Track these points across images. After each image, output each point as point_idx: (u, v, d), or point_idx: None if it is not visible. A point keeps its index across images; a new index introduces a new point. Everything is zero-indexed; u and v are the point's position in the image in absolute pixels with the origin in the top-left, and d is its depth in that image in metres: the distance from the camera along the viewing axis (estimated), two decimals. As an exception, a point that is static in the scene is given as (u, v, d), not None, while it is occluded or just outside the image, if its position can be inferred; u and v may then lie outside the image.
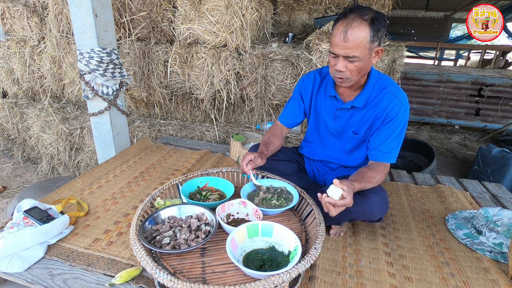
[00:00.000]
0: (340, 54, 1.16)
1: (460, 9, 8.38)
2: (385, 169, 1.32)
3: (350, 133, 1.41)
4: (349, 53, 1.14)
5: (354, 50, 1.14)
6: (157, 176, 1.91)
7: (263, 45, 2.60)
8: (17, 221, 1.26)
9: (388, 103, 1.29)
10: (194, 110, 2.95)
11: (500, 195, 1.91)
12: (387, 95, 1.30)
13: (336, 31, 1.16)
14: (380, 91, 1.32)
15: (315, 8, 3.28)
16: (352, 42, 1.13)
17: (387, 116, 1.30)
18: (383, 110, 1.30)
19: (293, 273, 0.86)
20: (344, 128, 1.42)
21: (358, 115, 1.37)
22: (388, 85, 1.32)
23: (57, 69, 2.83)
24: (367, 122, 1.36)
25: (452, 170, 3.63)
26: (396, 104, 1.28)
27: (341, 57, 1.17)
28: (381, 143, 1.32)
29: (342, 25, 1.14)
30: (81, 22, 1.84)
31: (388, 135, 1.31)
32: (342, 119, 1.41)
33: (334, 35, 1.17)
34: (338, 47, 1.16)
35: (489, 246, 1.38)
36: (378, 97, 1.31)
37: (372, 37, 1.14)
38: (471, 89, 4.59)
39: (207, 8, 2.35)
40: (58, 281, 1.10)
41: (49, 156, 3.01)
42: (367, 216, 1.29)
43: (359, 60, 1.17)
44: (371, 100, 1.33)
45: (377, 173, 1.27)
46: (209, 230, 1.08)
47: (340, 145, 1.48)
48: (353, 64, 1.18)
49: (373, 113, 1.33)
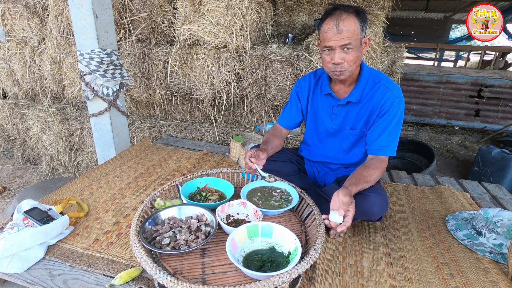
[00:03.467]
0: (336, 46, 1.20)
1: (460, 10, 8.39)
2: (382, 164, 1.32)
3: (347, 130, 1.43)
4: (345, 41, 1.19)
5: (349, 38, 1.19)
6: (157, 176, 1.91)
7: (263, 46, 2.60)
8: (17, 221, 1.26)
9: (382, 96, 1.31)
10: (194, 111, 2.95)
11: (500, 196, 1.91)
12: (381, 89, 1.32)
13: (326, 27, 1.21)
14: (373, 85, 1.34)
15: (315, 9, 3.28)
16: (346, 31, 1.18)
17: (381, 109, 1.32)
18: (377, 103, 1.33)
19: (293, 273, 0.86)
20: (341, 125, 1.44)
21: (354, 110, 1.39)
22: (381, 79, 1.35)
23: (58, 70, 2.83)
24: (363, 116, 1.38)
25: (452, 171, 3.63)
26: (390, 97, 1.31)
27: (337, 49, 1.21)
28: (377, 137, 1.34)
29: (331, 20, 1.20)
30: (81, 23, 1.85)
31: (384, 128, 1.32)
32: (339, 117, 1.43)
33: (326, 31, 1.21)
34: (332, 40, 1.20)
35: (489, 247, 1.38)
36: (372, 91, 1.34)
37: (360, 26, 1.20)
38: (471, 90, 4.59)
39: (207, 9, 2.35)
40: (58, 282, 1.11)
41: (49, 156, 3.01)
42: (367, 216, 1.29)
43: (353, 49, 1.21)
44: (365, 95, 1.35)
45: (373, 170, 1.28)
46: (209, 230, 1.08)
47: (338, 143, 1.50)
48: (349, 54, 1.22)
49: (368, 107, 1.35)
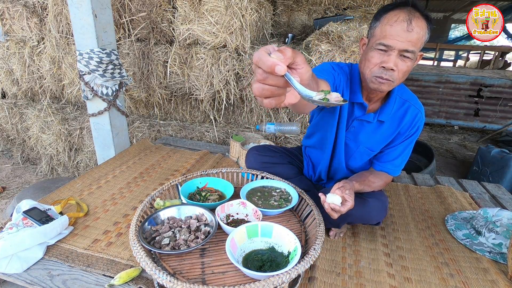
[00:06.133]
0: (397, 48, 0.95)
1: (459, 10, 8.39)
2: (388, 179, 1.30)
3: (363, 149, 1.26)
4: (409, 46, 0.94)
5: (415, 44, 0.95)
6: (156, 176, 1.91)
7: (263, 45, 2.59)
8: (16, 221, 1.25)
9: (412, 118, 1.19)
10: (193, 110, 2.95)
11: (499, 196, 1.91)
12: (411, 109, 1.18)
13: (393, 19, 0.94)
14: (402, 104, 1.19)
15: (315, 9, 3.28)
16: (416, 33, 0.93)
17: (410, 132, 1.22)
18: (407, 125, 1.20)
19: (292, 273, 0.86)
20: (355, 141, 1.26)
21: (378, 129, 1.22)
22: (409, 98, 1.20)
23: (57, 70, 2.83)
24: (387, 137, 1.23)
25: (451, 171, 3.63)
26: (419, 119, 1.20)
27: (395, 51, 0.96)
28: (396, 157, 1.26)
29: (403, 13, 0.94)
30: (80, 23, 1.84)
31: (405, 148, 1.26)
32: (357, 132, 1.24)
33: (391, 23, 0.94)
34: (397, 38, 0.94)
35: (489, 246, 1.38)
36: (400, 110, 1.19)
37: (428, 35, 0.98)
38: (470, 90, 4.60)
39: (206, 8, 2.35)
40: (58, 282, 1.10)
41: (48, 156, 3.01)
42: (365, 220, 1.29)
43: (411, 60, 0.98)
44: (394, 114, 1.20)
45: (379, 179, 1.26)
46: (208, 230, 1.08)
47: (346, 159, 1.33)
48: (405, 64, 0.98)
49: (396, 128, 1.21)
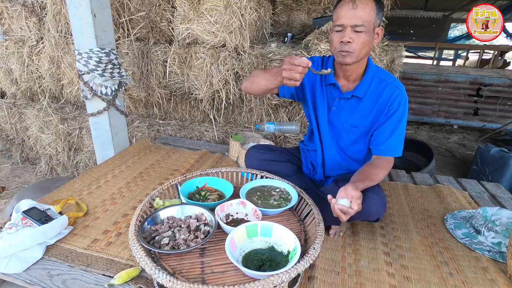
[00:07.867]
0: (348, 24, 1.14)
1: (459, 9, 8.40)
2: (389, 164, 1.30)
3: (347, 127, 1.36)
4: (357, 21, 1.13)
5: (362, 18, 1.13)
6: (156, 176, 1.90)
7: (262, 45, 2.59)
8: (16, 221, 1.25)
9: (390, 95, 1.26)
10: (193, 110, 2.95)
11: (498, 195, 1.91)
12: (388, 86, 1.27)
13: (341, 3, 1.16)
14: (379, 83, 1.29)
15: (314, 8, 3.27)
16: (361, 9, 1.12)
17: (390, 108, 1.27)
18: (385, 102, 1.27)
19: (292, 273, 0.86)
20: (339, 121, 1.37)
21: (357, 106, 1.32)
22: (387, 77, 1.30)
23: (56, 69, 2.82)
24: (368, 115, 1.31)
25: (450, 170, 3.64)
26: (398, 95, 1.26)
27: (348, 28, 1.15)
28: (387, 138, 1.29)
29: None
30: (79, 22, 1.84)
31: (394, 129, 1.29)
32: (338, 111, 1.36)
33: (341, 6, 1.16)
34: (345, 17, 1.14)
35: (488, 245, 1.39)
36: (379, 88, 1.28)
37: (376, 11, 1.15)
38: (469, 89, 4.60)
39: (206, 8, 2.35)
40: (57, 282, 1.10)
41: (47, 156, 3.00)
42: (365, 216, 1.29)
43: (365, 32, 1.15)
44: (371, 91, 1.29)
45: (380, 169, 1.27)
46: (208, 230, 1.08)
47: (335, 139, 1.42)
48: (360, 36, 1.15)
49: (374, 105, 1.29)
